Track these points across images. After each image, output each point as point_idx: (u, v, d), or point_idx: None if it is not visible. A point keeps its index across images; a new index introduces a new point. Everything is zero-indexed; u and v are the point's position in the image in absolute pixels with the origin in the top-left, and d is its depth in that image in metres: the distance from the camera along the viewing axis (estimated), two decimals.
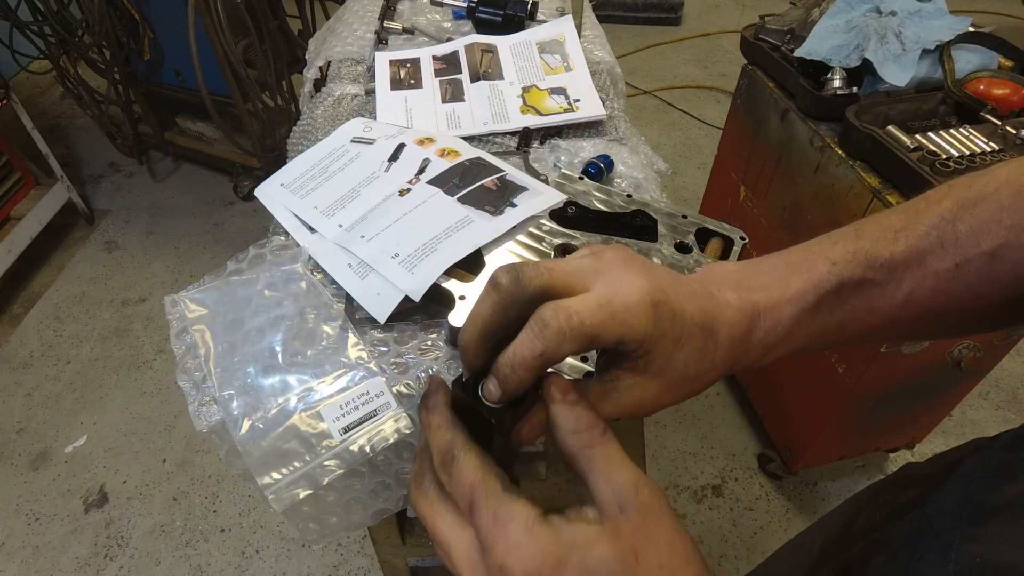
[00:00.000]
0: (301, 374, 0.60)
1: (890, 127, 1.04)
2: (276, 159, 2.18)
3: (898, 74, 1.08)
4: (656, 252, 0.65)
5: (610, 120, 0.92)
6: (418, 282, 0.63)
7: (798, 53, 1.19)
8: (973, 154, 0.98)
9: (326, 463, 0.56)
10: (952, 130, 1.03)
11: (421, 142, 0.82)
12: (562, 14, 1.11)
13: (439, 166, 0.77)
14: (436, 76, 1.00)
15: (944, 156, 0.97)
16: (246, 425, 0.57)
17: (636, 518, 0.30)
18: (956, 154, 0.98)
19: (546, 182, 0.75)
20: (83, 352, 1.98)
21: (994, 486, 0.35)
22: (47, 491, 1.65)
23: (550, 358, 0.32)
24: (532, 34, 1.06)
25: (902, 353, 1.14)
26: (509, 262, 0.65)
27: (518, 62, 1.01)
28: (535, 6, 1.10)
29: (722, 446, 1.69)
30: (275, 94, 2.18)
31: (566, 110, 0.91)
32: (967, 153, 0.98)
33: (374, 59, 1.03)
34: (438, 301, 0.63)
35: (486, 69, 1.00)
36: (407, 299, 0.63)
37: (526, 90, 0.95)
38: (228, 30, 1.86)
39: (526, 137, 0.89)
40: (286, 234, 0.76)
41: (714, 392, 1.81)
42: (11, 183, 2.11)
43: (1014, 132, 0.99)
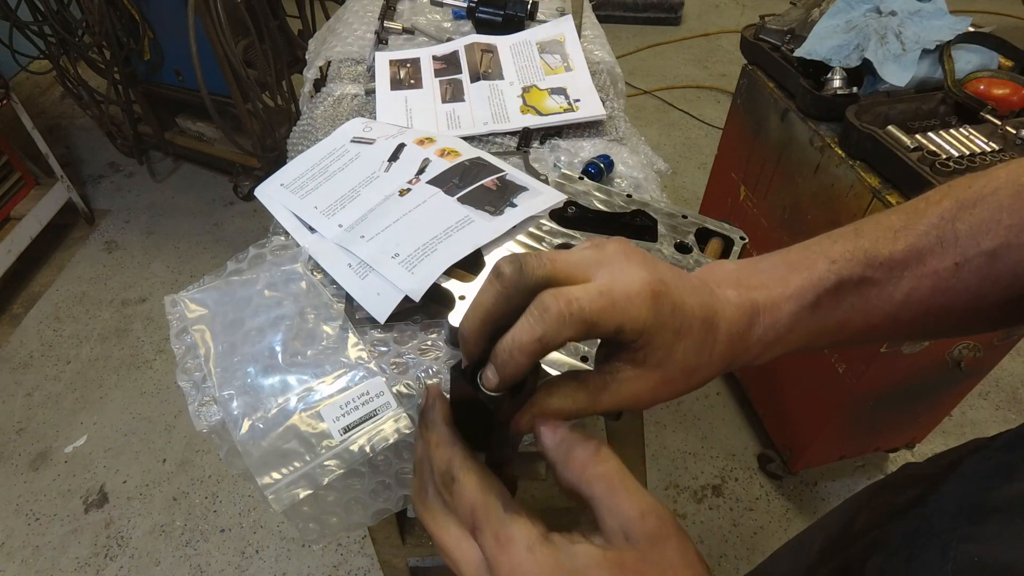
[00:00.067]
0: (301, 374, 0.60)
1: (890, 127, 1.04)
2: (276, 159, 2.18)
3: (898, 74, 1.08)
4: (656, 252, 0.65)
5: (610, 120, 0.92)
6: (418, 282, 0.63)
7: (798, 53, 1.19)
8: (973, 154, 0.98)
9: (326, 463, 0.56)
10: (952, 130, 1.03)
11: (421, 142, 0.82)
12: (562, 14, 1.11)
13: (439, 166, 0.77)
14: (436, 76, 1.00)
15: (944, 156, 0.97)
16: (246, 425, 0.57)
17: (642, 546, 0.30)
18: (956, 154, 0.98)
19: (546, 182, 0.75)
20: (83, 352, 1.98)
21: (993, 486, 0.35)
22: (47, 491, 1.65)
23: (548, 343, 0.32)
24: (532, 34, 1.06)
25: (902, 353, 1.14)
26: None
27: (518, 62, 1.01)
28: (535, 6, 1.10)
29: (722, 446, 1.69)
30: (275, 94, 2.18)
31: (566, 110, 0.91)
32: (967, 153, 0.98)
33: (374, 59, 1.03)
34: (438, 301, 0.63)
35: (486, 69, 1.00)
36: (407, 299, 0.63)
37: (526, 90, 0.95)
38: (228, 30, 1.86)
39: (526, 137, 0.89)
40: (286, 234, 0.76)
41: (714, 392, 1.81)
42: (11, 183, 2.11)
43: (1014, 132, 0.99)
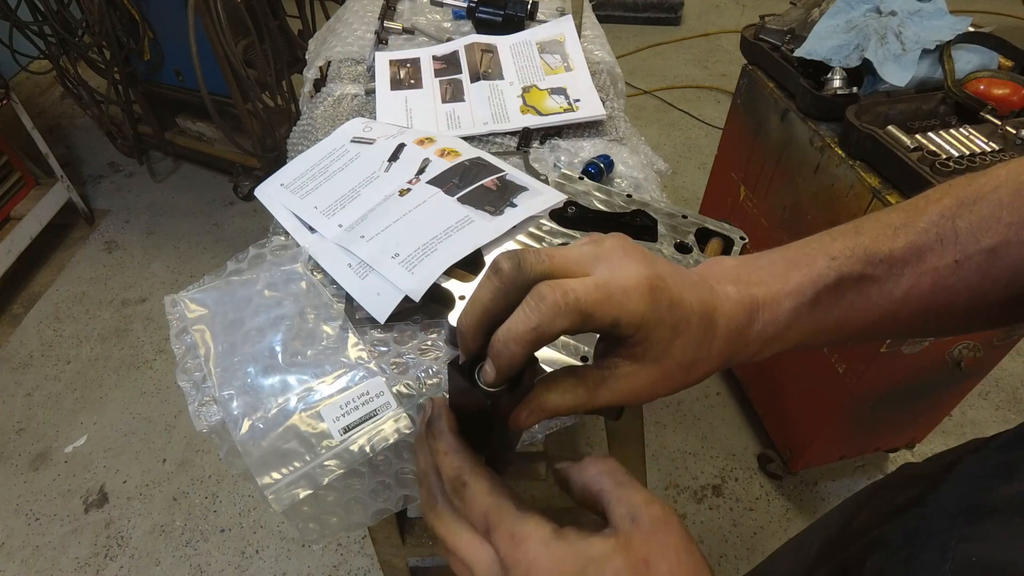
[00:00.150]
0: (301, 374, 0.60)
1: (890, 127, 1.04)
2: (276, 159, 2.18)
3: (898, 74, 1.08)
4: (656, 252, 0.65)
5: (610, 120, 0.92)
6: (418, 282, 0.63)
7: (798, 53, 1.19)
8: (973, 154, 0.98)
9: (326, 463, 0.56)
10: (952, 130, 1.03)
11: (421, 142, 0.82)
12: (562, 14, 1.11)
13: (439, 166, 0.77)
14: (436, 76, 1.00)
15: (944, 156, 0.97)
16: (246, 425, 0.57)
17: (647, 529, 0.31)
18: (956, 154, 0.98)
19: (546, 182, 0.75)
20: (83, 352, 1.98)
21: (991, 486, 0.35)
22: (47, 491, 1.65)
23: (544, 333, 0.32)
24: (532, 34, 1.06)
25: (902, 353, 1.14)
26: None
27: (518, 62, 1.01)
28: (535, 6, 1.10)
29: (722, 446, 1.69)
30: (275, 94, 2.18)
31: (566, 110, 0.91)
32: (967, 153, 0.98)
33: (374, 59, 1.03)
34: (438, 301, 0.63)
35: (486, 69, 1.00)
36: (407, 299, 0.63)
37: (526, 90, 0.95)
38: (228, 30, 1.86)
39: (526, 137, 0.89)
40: (286, 234, 0.76)
41: (714, 392, 1.81)
42: (11, 183, 2.11)
43: (1014, 132, 0.99)
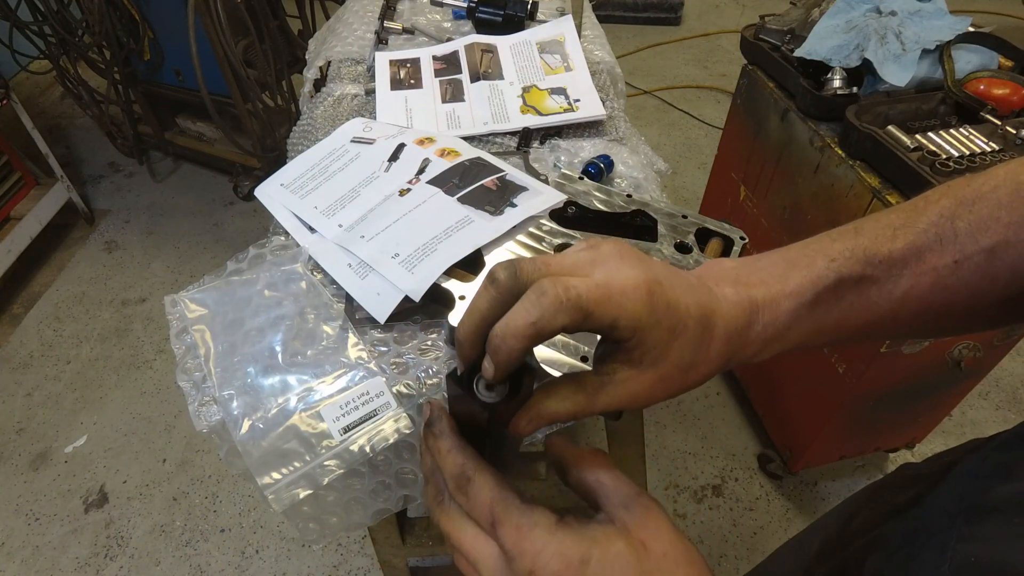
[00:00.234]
0: (301, 374, 0.60)
1: (890, 127, 1.04)
2: (276, 159, 2.18)
3: (898, 74, 1.08)
4: (656, 252, 0.65)
5: (610, 120, 0.92)
6: (418, 282, 0.63)
7: (798, 53, 1.19)
8: (973, 154, 0.98)
9: (326, 463, 0.56)
10: (952, 130, 1.03)
11: (421, 142, 0.82)
12: (562, 14, 1.11)
13: (439, 166, 0.77)
14: (436, 76, 1.00)
15: (944, 156, 0.97)
16: (246, 425, 0.57)
17: (640, 516, 0.34)
18: (956, 154, 0.98)
19: (546, 182, 0.75)
20: (83, 352, 1.98)
21: (990, 486, 0.35)
22: (47, 491, 1.65)
23: (543, 328, 0.32)
24: (532, 34, 1.06)
25: (902, 353, 1.14)
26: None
27: (518, 62, 1.01)
28: (535, 6, 1.10)
29: (722, 446, 1.69)
30: (275, 94, 2.18)
31: (566, 110, 0.91)
32: (967, 153, 0.98)
33: (374, 59, 1.03)
34: (438, 301, 0.63)
35: (486, 69, 1.00)
36: (407, 299, 0.63)
37: (526, 90, 0.95)
38: (228, 30, 1.86)
39: (526, 137, 0.89)
40: (286, 234, 0.76)
41: (714, 392, 1.81)
42: (11, 183, 2.11)
43: (1014, 132, 0.99)
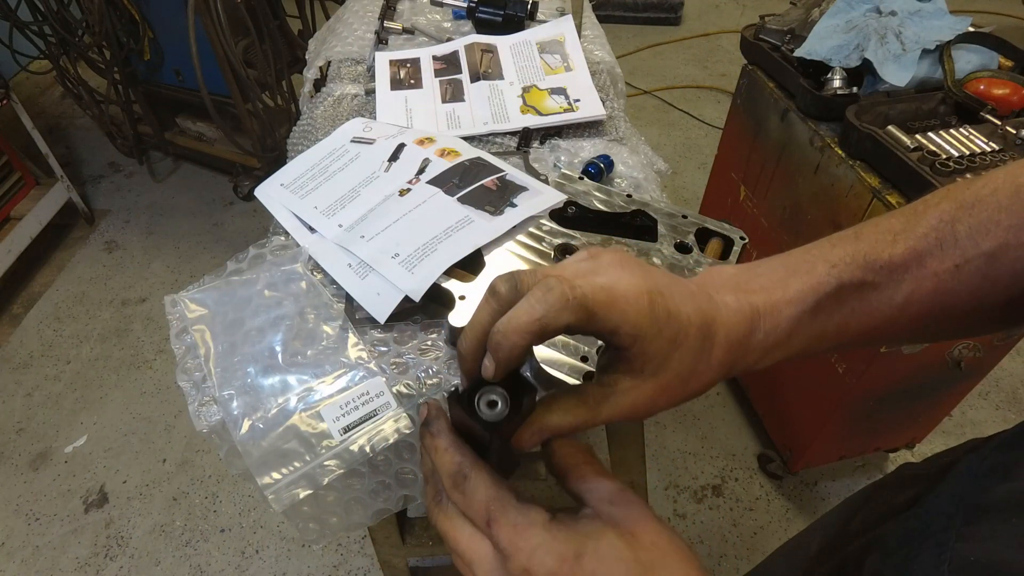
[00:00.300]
0: (301, 374, 0.60)
1: (890, 127, 1.04)
2: (276, 159, 2.18)
3: (898, 74, 1.08)
4: (656, 252, 0.65)
5: (610, 120, 0.92)
6: (418, 282, 0.63)
7: (798, 53, 1.19)
8: (973, 154, 0.98)
9: (326, 463, 0.56)
10: (952, 130, 1.03)
11: (421, 142, 0.82)
12: (562, 14, 1.11)
13: (439, 166, 0.77)
14: (436, 76, 1.00)
15: (944, 156, 0.97)
16: (246, 425, 0.57)
17: (624, 508, 0.35)
18: (956, 154, 0.98)
19: (546, 182, 0.75)
20: (83, 352, 1.98)
21: (988, 486, 0.35)
22: (47, 491, 1.65)
23: (547, 325, 0.32)
24: (532, 34, 1.06)
25: (902, 353, 1.14)
26: (509, 264, 0.65)
27: (518, 62, 1.01)
28: (535, 6, 1.10)
29: (722, 446, 1.69)
30: (275, 94, 2.18)
31: (566, 110, 0.91)
32: (967, 153, 0.98)
33: (374, 59, 1.03)
34: (438, 301, 0.63)
35: (486, 69, 1.00)
36: (407, 299, 0.63)
37: (526, 90, 0.95)
38: (228, 30, 1.86)
39: (526, 137, 0.89)
40: (286, 234, 0.76)
41: (714, 392, 1.81)
42: (11, 183, 2.11)
43: (1014, 132, 0.99)
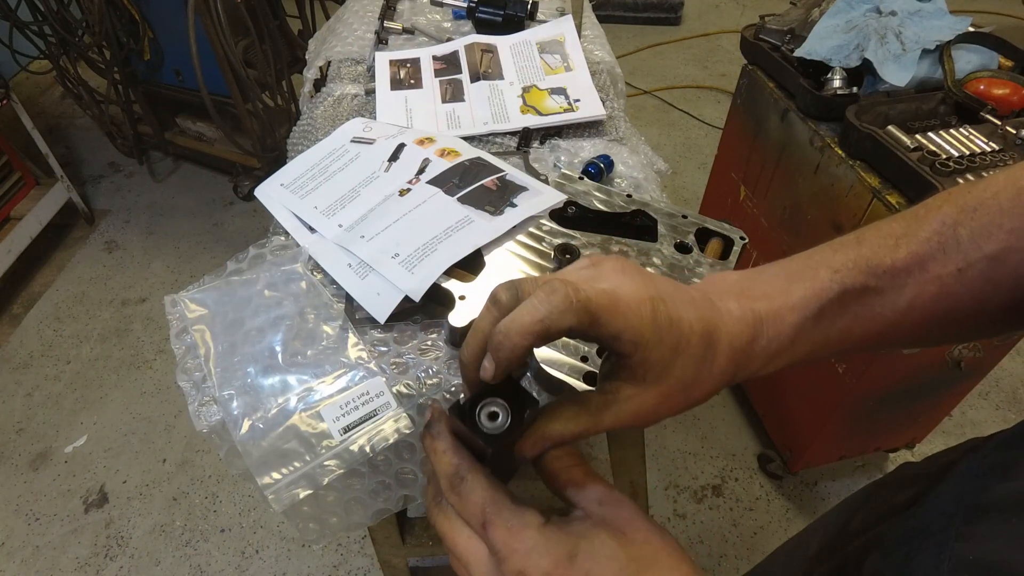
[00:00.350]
0: (301, 374, 0.60)
1: (890, 127, 1.04)
2: (276, 159, 2.18)
3: (898, 74, 1.08)
4: (656, 252, 0.65)
5: (610, 120, 0.92)
6: (418, 282, 0.63)
7: (798, 53, 1.19)
8: (973, 154, 0.98)
9: (326, 463, 0.56)
10: (952, 130, 1.03)
11: (421, 142, 0.82)
12: (562, 14, 1.11)
13: (439, 166, 0.77)
14: (436, 76, 1.00)
15: (944, 156, 0.97)
16: (246, 425, 0.57)
17: (614, 509, 0.36)
18: (956, 154, 0.98)
19: (546, 182, 0.75)
20: (83, 352, 1.98)
21: (988, 485, 0.35)
22: (47, 491, 1.65)
23: (550, 327, 0.32)
24: (532, 34, 1.06)
25: (902, 353, 1.14)
26: (509, 264, 0.65)
27: (518, 62, 1.01)
28: (535, 6, 1.10)
29: (722, 446, 1.69)
30: (275, 94, 2.18)
31: (566, 110, 0.91)
32: (967, 153, 0.98)
33: (374, 59, 1.03)
34: (438, 301, 0.63)
35: (486, 69, 1.00)
36: (407, 299, 0.63)
37: (526, 90, 0.95)
38: (228, 30, 1.86)
39: (526, 137, 0.89)
40: (286, 234, 0.76)
41: None
42: (11, 183, 2.11)
43: (1014, 132, 0.99)
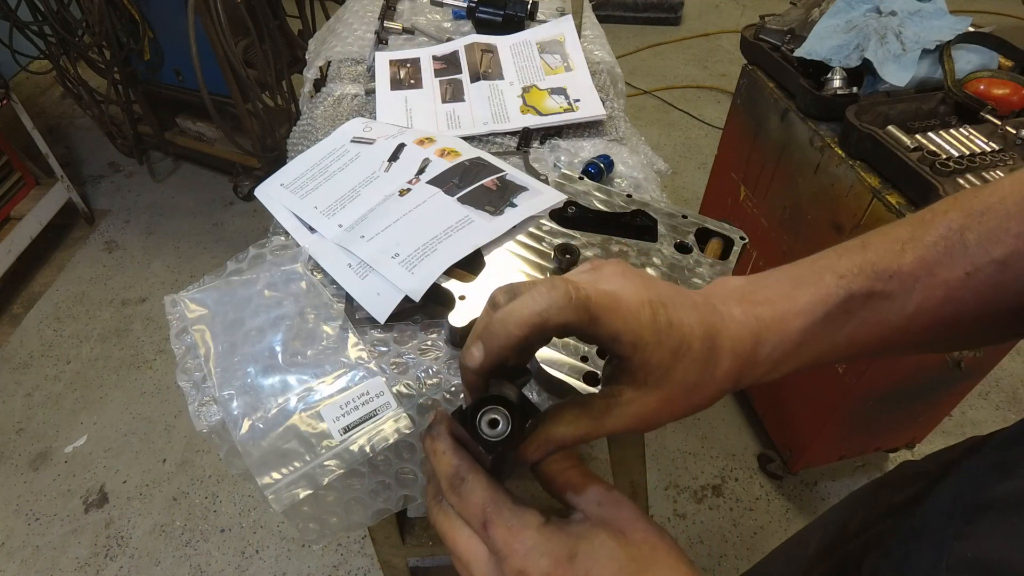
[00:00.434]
0: (301, 374, 0.60)
1: (890, 127, 1.04)
2: (276, 159, 2.18)
3: (898, 74, 1.08)
4: (656, 252, 0.65)
5: (610, 120, 0.92)
6: (418, 282, 0.63)
7: (798, 53, 1.19)
8: (973, 154, 0.98)
9: (326, 463, 0.56)
10: (952, 130, 1.03)
11: (421, 142, 0.82)
12: (562, 14, 1.11)
13: (439, 166, 0.77)
14: (436, 76, 1.00)
15: (944, 156, 0.97)
16: (246, 425, 0.57)
17: (613, 509, 0.35)
18: (956, 154, 0.98)
19: (546, 182, 0.75)
20: (83, 352, 1.98)
21: (987, 484, 0.35)
22: (47, 491, 1.65)
23: (548, 321, 0.32)
24: (532, 34, 1.06)
25: None
26: (509, 264, 0.65)
27: (518, 62, 1.01)
28: (535, 6, 1.10)
29: (722, 446, 1.69)
30: (275, 94, 2.18)
31: (566, 110, 0.91)
32: (967, 153, 0.98)
33: (374, 59, 1.03)
34: (438, 301, 0.63)
35: (486, 69, 1.00)
36: (407, 299, 0.63)
37: (526, 90, 0.95)
38: (228, 30, 1.86)
39: (526, 137, 0.89)
40: (286, 234, 0.76)
41: None
42: (11, 183, 2.11)
43: (1014, 132, 0.99)
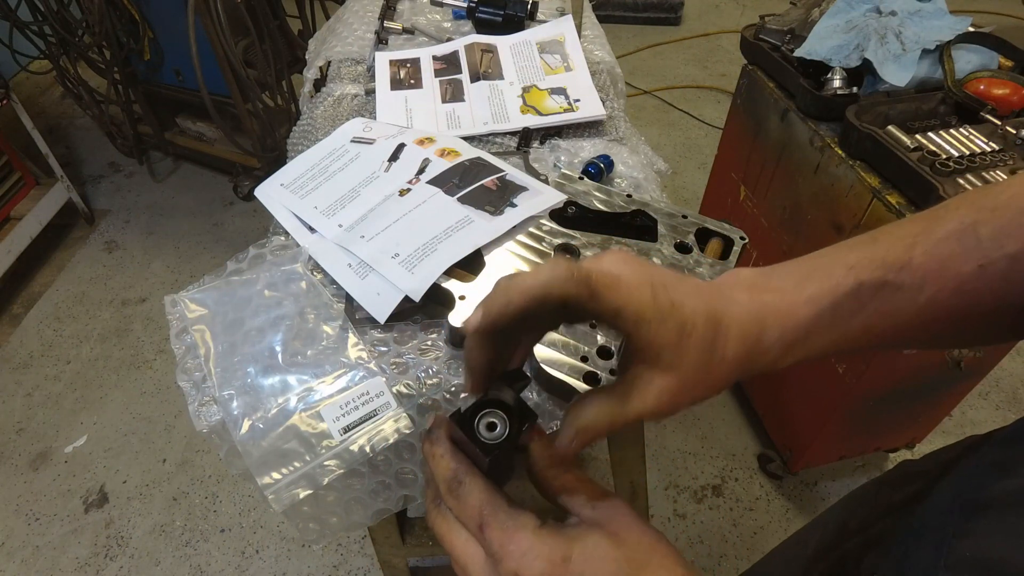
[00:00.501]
0: (301, 374, 0.60)
1: (890, 127, 1.04)
2: (276, 159, 2.18)
3: (898, 74, 1.08)
4: (656, 252, 0.65)
5: (610, 120, 0.92)
6: (418, 282, 0.63)
7: (798, 53, 1.19)
8: (973, 154, 0.98)
9: (326, 463, 0.56)
10: (952, 130, 1.03)
11: (421, 142, 0.82)
12: (562, 14, 1.11)
13: (439, 166, 0.77)
14: (436, 76, 1.00)
15: (944, 156, 0.97)
16: (246, 425, 0.57)
17: (607, 510, 0.36)
18: (956, 154, 0.98)
19: (546, 182, 0.75)
20: (83, 352, 1.98)
21: (987, 482, 0.35)
22: (47, 491, 1.65)
23: (550, 291, 0.33)
24: (532, 34, 1.06)
25: (902, 353, 1.14)
26: (509, 264, 0.65)
27: (518, 62, 1.01)
28: (535, 6, 1.10)
29: (722, 446, 1.69)
30: (275, 94, 2.18)
31: (566, 110, 0.91)
32: (967, 153, 0.98)
33: (374, 59, 1.03)
34: (438, 301, 0.63)
35: (486, 69, 1.00)
36: (407, 299, 0.63)
37: (526, 90, 0.95)
38: (228, 30, 1.86)
39: (526, 137, 0.89)
40: (286, 234, 0.76)
41: None
42: (11, 183, 2.11)
43: (1014, 132, 0.99)
